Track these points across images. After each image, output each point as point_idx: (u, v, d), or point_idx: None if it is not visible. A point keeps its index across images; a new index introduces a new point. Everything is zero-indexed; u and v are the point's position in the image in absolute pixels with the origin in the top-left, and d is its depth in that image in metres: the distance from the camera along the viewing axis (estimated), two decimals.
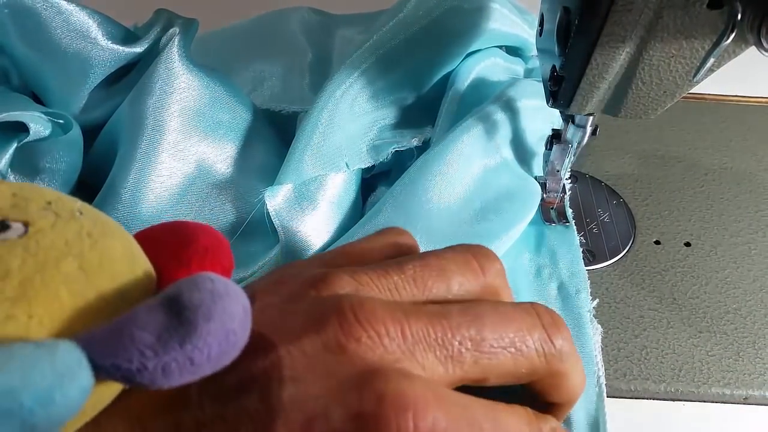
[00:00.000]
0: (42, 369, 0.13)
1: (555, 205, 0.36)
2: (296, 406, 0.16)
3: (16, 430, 0.12)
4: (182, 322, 0.14)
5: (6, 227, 0.15)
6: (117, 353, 0.14)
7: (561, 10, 0.26)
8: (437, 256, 0.23)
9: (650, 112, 0.28)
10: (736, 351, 0.30)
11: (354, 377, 0.17)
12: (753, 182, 0.39)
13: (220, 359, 0.15)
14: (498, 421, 0.19)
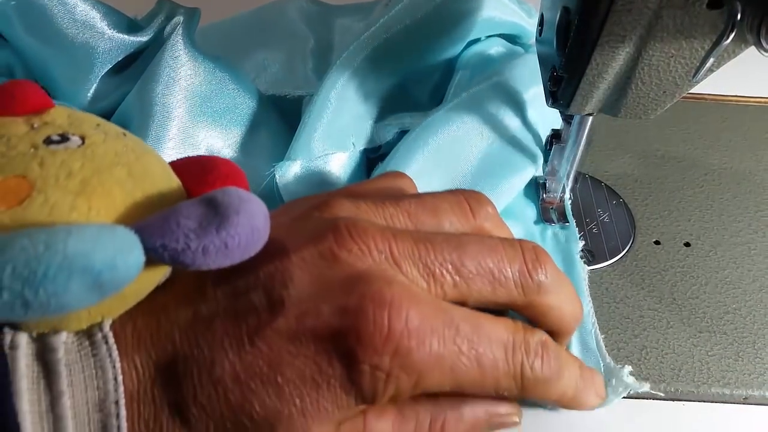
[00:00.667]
0: (106, 241, 0.16)
1: (555, 205, 0.36)
2: (293, 302, 0.20)
3: (90, 285, 0.16)
4: (218, 213, 0.18)
5: (67, 139, 0.19)
6: (165, 235, 0.17)
7: (561, 10, 0.26)
8: (432, 196, 0.25)
9: (650, 112, 0.28)
10: (736, 351, 0.30)
11: (343, 280, 0.20)
12: (753, 182, 0.39)
13: (247, 248, 0.18)
14: (478, 326, 0.21)
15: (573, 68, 0.26)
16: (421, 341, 0.20)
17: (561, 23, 0.26)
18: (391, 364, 0.19)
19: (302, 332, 0.19)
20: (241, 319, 0.20)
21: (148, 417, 0.19)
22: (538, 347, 0.23)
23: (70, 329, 0.19)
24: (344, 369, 0.19)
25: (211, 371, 0.19)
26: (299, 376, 0.19)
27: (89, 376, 0.18)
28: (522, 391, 0.23)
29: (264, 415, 0.19)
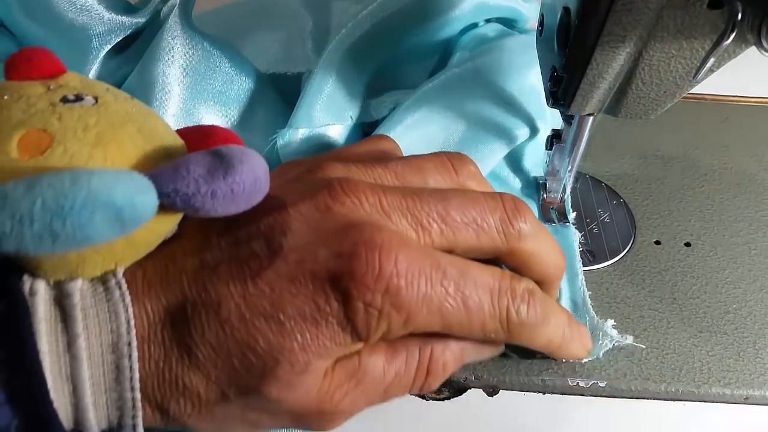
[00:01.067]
0: (125, 181, 0.18)
1: (555, 205, 0.36)
2: (292, 248, 0.21)
3: (111, 219, 0.17)
4: (223, 162, 0.19)
5: (81, 99, 0.20)
6: (177, 181, 0.19)
7: (561, 11, 0.26)
8: (417, 157, 0.27)
9: (650, 113, 0.28)
10: (737, 351, 0.30)
11: (337, 228, 0.22)
12: (753, 182, 0.39)
13: (250, 196, 0.20)
14: (465, 271, 0.23)
15: (573, 68, 0.26)
16: (410, 281, 0.21)
17: (561, 23, 0.26)
18: (382, 301, 0.21)
19: (301, 274, 0.21)
20: (244, 264, 0.21)
21: (158, 357, 0.21)
22: (525, 293, 0.24)
23: (85, 276, 0.20)
24: (340, 307, 0.21)
25: (218, 312, 0.21)
26: (300, 313, 0.21)
27: (103, 320, 0.20)
28: (508, 334, 0.24)
29: (268, 349, 0.21)
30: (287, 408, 0.22)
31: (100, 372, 0.20)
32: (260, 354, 0.21)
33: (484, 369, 0.29)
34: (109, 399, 0.20)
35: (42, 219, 0.16)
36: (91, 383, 0.20)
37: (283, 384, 0.21)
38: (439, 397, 0.29)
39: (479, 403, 0.29)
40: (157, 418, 0.22)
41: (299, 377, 0.21)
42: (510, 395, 0.29)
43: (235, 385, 0.21)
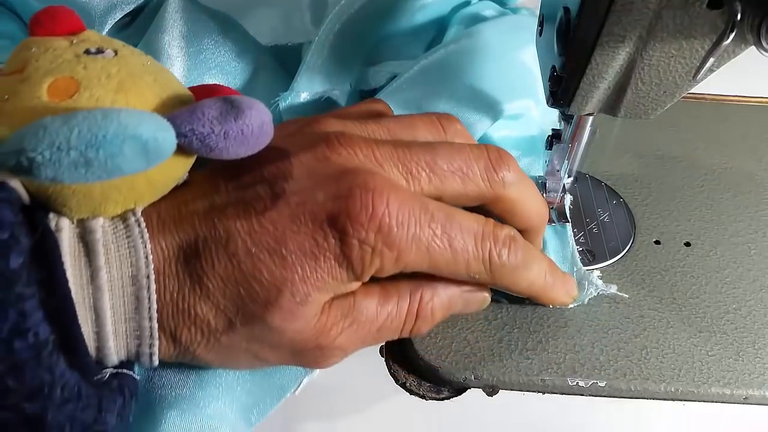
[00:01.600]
0: (148, 119, 0.20)
1: (555, 205, 0.36)
2: (293, 192, 0.24)
3: (138, 151, 0.19)
4: (234, 107, 0.22)
5: (102, 51, 0.23)
6: (193, 122, 0.21)
7: (561, 10, 0.26)
8: (407, 116, 0.30)
9: (650, 112, 0.28)
10: (736, 351, 0.30)
11: (335, 174, 0.24)
12: (753, 182, 0.39)
13: (258, 139, 0.23)
14: (451, 215, 0.25)
15: (573, 68, 0.26)
16: (400, 222, 0.24)
17: (561, 23, 0.26)
18: (375, 239, 0.23)
19: (301, 214, 0.23)
20: (249, 205, 0.24)
21: (173, 289, 0.23)
22: (506, 239, 0.27)
23: (107, 215, 0.23)
24: (337, 243, 0.23)
25: (227, 246, 0.23)
26: (300, 249, 0.23)
27: (124, 255, 0.22)
28: (491, 276, 0.27)
29: (271, 280, 0.23)
30: (288, 339, 0.24)
31: (121, 303, 0.22)
32: (264, 284, 0.23)
33: (484, 369, 0.29)
34: (128, 328, 0.22)
35: (78, 147, 0.18)
36: (112, 313, 0.22)
37: (284, 313, 0.23)
38: (438, 397, 0.29)
39: (479, 403, 0.29)
40: (170, 348, 0.24)
41: (299, 308, 0.23)
42: (509, 395, 0.29)
43: (241, 313, 0.23)
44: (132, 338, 0.23)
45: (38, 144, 0.18)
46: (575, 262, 0.33)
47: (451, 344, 0.30)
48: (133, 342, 0.23)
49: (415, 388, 0.29)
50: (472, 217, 0.26)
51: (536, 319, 0.31)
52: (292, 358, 0.26)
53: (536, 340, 0.30)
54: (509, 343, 0.30)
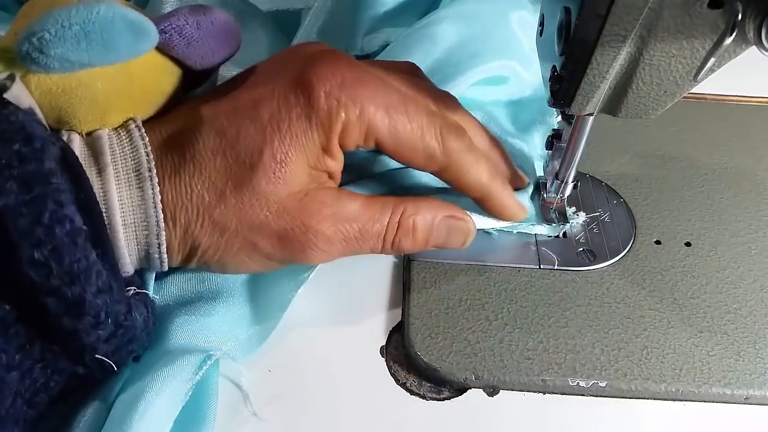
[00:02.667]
0: (132, 9, 0.24)
1: (555, 205, 0.36)
2: (267, 76, 0.28)
3: (128, 26, 0.23)
4: (202, 7, 0.27)
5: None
6: (170, 18, 0.26)
7: (561, 10, 0.26)
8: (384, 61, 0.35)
9: (651, 112, 0.28)
10: (737, 351, 0.30)
11: (306, 54, 0.28)
12: (753, 182, 0.39)
13: (227, 33, 0.28)
14: (406, 94, 0.29)
15: (574, 68, 0.26)
16: (364, 82, 0.27)
17: (562, 23, 0.26)
18: (339, 92, 0.26)
19: (274, 85, 0.27)
20: (230, 96, 0.28)
21: (171, 172, 0.26)
22: (455, 124, 0.29)
23: (111, 125, 0.27)
24: (305, 99, 0.26)
25: (213, 124, 0.27)
26: (274, 112, 0.26)
27: (127, 153, 0.26)
28: (444, 156, 0.29)
29: (253, 145, 0.26)
30: (275, 213, 0.27)
31: (128, 196, 0.25)
32: (248, 149, 0.26)
33: (485, 369, 0.29)
34: (136, 220, 0.25)
35: (78, 22, 0.22)
36: (120, 205, 0.25)
37: (268, 173, 0.26)
38: (439, 397, 0.29)
39: (479, 404, 0.29)
40: (173, 235, 0.26)
41: (281, 168, 0.26)
42: (510, 395, 0.29)
43: (230, 180, 0.26)
44: (140, 229, 0.26)
45: (45, 24, 0.22)
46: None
47: (452, 344, 0.30)
48: (142, 234, 0.26)
49: (416, 388, 0.29)
50: (423, 101, 0.29)
51: (537, 319, 0.31)
52: (280, 245, 0.27)
53: (537, 340, 0.30)
54: (510, 343, 0.30)
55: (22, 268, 0.21)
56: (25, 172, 0.21)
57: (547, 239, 0.35)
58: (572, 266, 0.34)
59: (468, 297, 0.32)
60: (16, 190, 0.21)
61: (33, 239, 0.21)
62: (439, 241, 0.31)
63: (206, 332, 0.29)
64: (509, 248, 0.34)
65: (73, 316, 0.22)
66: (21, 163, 0.21)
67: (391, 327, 0.31)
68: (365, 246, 0.29)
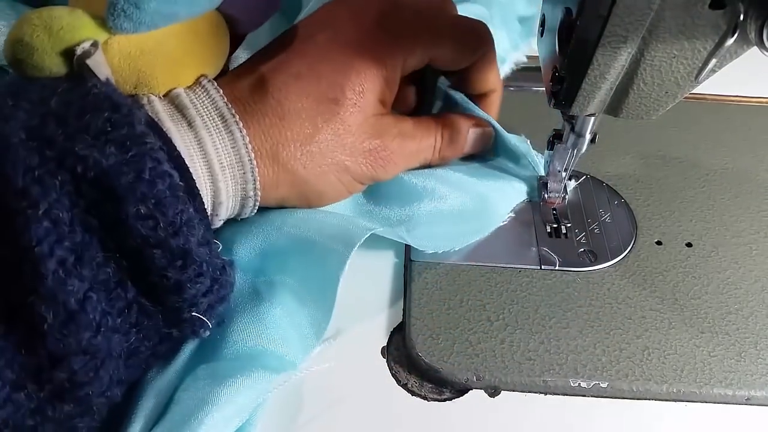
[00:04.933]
0: None
1: (556, 205, 0.36)
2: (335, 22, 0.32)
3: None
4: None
5: None
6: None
7: (563, 11, 0.26)
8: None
9: (652, 113, 0.28)
10: (738, 351, 0.30)
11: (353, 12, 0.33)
12: (754, 182, 0.39)
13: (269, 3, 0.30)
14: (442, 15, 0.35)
15: (575, 69, 0.26)
16: (414, 16, 0.33)
17: (563, 24, 0.26)
18: (399, 29, 0.32)
19: (335, 27, 0.32)
20: (280, 47, 0.31)
21: (258, 118, 0.29)
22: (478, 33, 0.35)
23: (185, 84, 0.28)
24: (370, 36, 0.31)
25: (289, 70, 0.30)
26: (345, 51, 0.31)
27: (206, 104, 0.28)
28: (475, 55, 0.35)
29: (333, 81, 0.30)
30: (360, 135, 0.31)
31: (219, 140, 0.27)
32: (330, 86, 0.30)
33: (486, 370, 0.29)
34: (231, 161, 0.28)
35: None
36: (215, 149, 0.27)
37: (352, 106, 0.30)
38: (440, 398, 0.29)
39: (481, 404, 0.29)
40: (269, 172, 0.29)
41: (361, 99, 0.30)
42: (511, 396, 0.29)
43: (320, 116, 0.30)
44: (237, 168, 0.28)
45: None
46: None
47: (453, 345, 0.30)
48: (239, 172, 0.28)
49: (417, 389, 0.29)
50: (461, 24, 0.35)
51: (538, 319, 0.31)
52: (366, 163, 0.32)
53: (538, 341, 0.30)
54: (511, 344, 0.30)
55: (129, 222, 0.22)
56: (120, 136, 0.23)
57: (548, 239, 0.35)
58: (573, 267, 0.34)
59: (469, 297, 0.32)
60: (115, 152, 0.22)
61: (137, 194, 0.22)
62: (470, 148, 0.36)
63: (268, 333, 0.29)
64: (510, 249, 0.34)
65: (179, 267, 0.23)
66: (114, 129, 0.23)
67: (392, 327, 0.31)
68: (421, 157, 0.35)
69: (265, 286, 0.30)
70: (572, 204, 0.37)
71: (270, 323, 0.29)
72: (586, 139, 0.32)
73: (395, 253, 0.35)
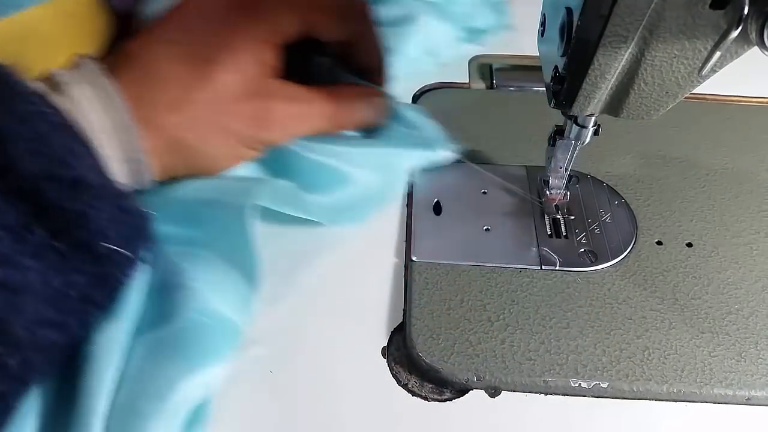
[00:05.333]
0: None
1: (557, 202, 0.36)
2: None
3: None
4: None
5: None
6: None
7: (563, 11, 0.26)
8: None
9: (652, 113, 0.28)
10: (739, 352, 0.30)
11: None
12: (754, 182, 0.39)
13: None
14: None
15: (575, 69, 0.26)
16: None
17: (563, 23, 0.26)
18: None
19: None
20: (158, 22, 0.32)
21: (136, 85, 0.29)
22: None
23: (60, 65, 0.29)
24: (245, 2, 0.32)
25: (163, 37, 0.31)
26: (218, 15, 0.31)
27: (85, 76, 0.28)
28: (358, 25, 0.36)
29: (205, 43, 0.31)
30: (240, 83, 0.31)
31: (100, 107, 0.28)
32: (202, 48, 0.30)
33: (486, 370, 0.29)
34: (115, 124, 0.28)
35: None
36: (96, 116, 0.27)
37: (226, 65, 0.30)
38: (440, 398, 0.29)
39: (481, 405, 0.29)
40: (150, 136, 0.29)
41: (235, 58, 0.31)
42: (512, 396, 0.29)
43: (194, 78, 0.30)
44: (121, 134, 0.28)
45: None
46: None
47: (453, 345, 0.30)
48: (123, 137, 0.28)
49: (417, 389, 0.29)
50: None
51: (538, 320, 0.31)
52: (248, 124, 0.32)
53: (538, 341, 0.30)
54: (512, 344, 0.30)
55: (17, 162, 0.23)
56: (5, 97, 0.24)
57: (548, 239, 0.35)
58: (574, 267, 0.34)
59: (469, 298, 0.32)
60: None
61: (23, 135, 0.23)
62: (365, 118, 0.37)
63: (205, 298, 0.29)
64: (510, 249, 0.34)
65: (73, 195, 0.24)
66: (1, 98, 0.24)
67: (392, 328, 0.31)
68: (313, 123, 0.34)
69: (185, 255, 0.30)
70: (572, 204, 0.37)
71: (205, 287, 0.29)
72: (590, 131, 0.31)
73: (395, 253, 0.35)
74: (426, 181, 0.38)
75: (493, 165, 0.39)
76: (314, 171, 0.35)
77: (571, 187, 0.38)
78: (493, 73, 0.47)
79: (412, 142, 0.38)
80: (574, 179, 0.38)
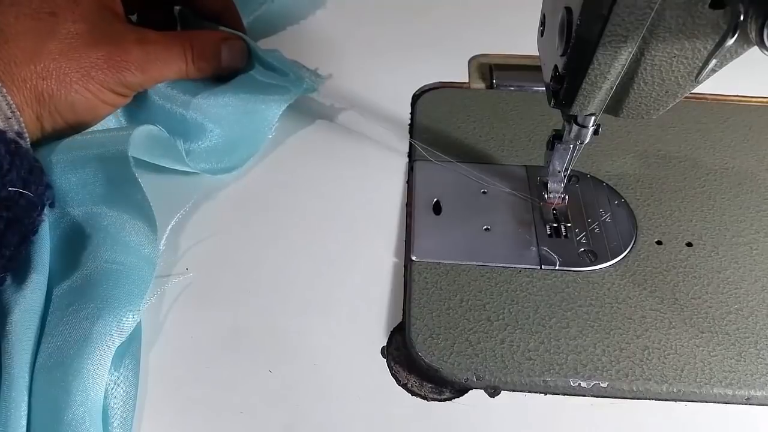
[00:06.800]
0: None
1: (556, 205, 0.36)
2: None
3: None
4: None
5: None
6: None
7: (563, 10, 0.26)
8: None
9: (652, 113, 0.28)
10: (738, 351, 0.30)
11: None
12: (754, 182, 0.39)
13: None
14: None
15: (575, 68, 0.26)
16: None
17: (563, 23, 0.26)
18: None
19: None
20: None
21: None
22: None
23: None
24: None
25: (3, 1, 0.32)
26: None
27: None
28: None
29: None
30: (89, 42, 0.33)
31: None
32: (44, 2, 0.32)
33: (486, 369, 0.29)
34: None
35: None
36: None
37: (70, 15, 0.33)
38: (440, 398, 0.29)
39: (481, 404, 0.29)
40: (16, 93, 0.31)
41: (77, 8, 0.33)
42: (511, 396, 0.29)
43: (41, 32, 0.32)
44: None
45: None
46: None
47: (453, 345, 0.30)
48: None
49: (417, 389, 0.29)
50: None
51: (538, 319, 0.31)
52: (105, 68, 0.33)
53: (538, 340, 0.30)
54: (511, 343, 0.30)
55: None
56: None
57: (548, 239, 0.35)
58: (573, 266, 0.34)
59: (469, 297, 0.32)
60: None
61: None
62: (226, 62, 0.38)
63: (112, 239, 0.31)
64: (510, 249, 0.34)
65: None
66: None
67: (392, 327, 0.31)
68: (173, 66, 0.36)
69: (81, 208, 0.32)
70: (572, 204, 0.37)
71: (107, 238, 0.31)
72: (590, 131, 0.31)
73: (395, 253, 0.35)
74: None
75: (493, 165, 0.39)
76: (179, 123, 0.37)
77: (571, 186, 0.38)
78: (492, 72, 0.47)
79: (274, 84, 0.39)
80: (574, 179, 0.38)
